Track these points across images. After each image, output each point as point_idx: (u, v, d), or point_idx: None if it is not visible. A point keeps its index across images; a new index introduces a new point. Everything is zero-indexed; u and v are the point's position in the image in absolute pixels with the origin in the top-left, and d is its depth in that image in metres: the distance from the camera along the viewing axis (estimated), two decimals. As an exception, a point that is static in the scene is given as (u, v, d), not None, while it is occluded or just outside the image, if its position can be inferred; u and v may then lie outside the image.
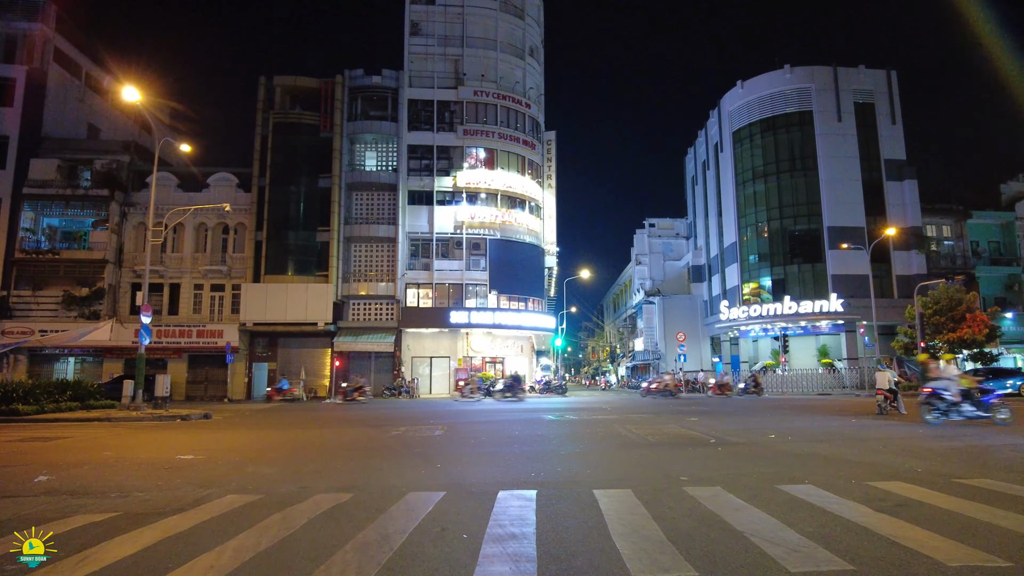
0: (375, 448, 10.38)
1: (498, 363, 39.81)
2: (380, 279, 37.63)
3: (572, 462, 8.37)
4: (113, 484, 6.89)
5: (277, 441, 11.95)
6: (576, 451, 9.57)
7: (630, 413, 18.59)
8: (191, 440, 12.12)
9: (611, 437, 11.53)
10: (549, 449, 9.85)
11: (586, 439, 11.25)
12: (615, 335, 75.89)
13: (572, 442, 10.80)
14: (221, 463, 8.63)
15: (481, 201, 39.03)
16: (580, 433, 12.36)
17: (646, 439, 11.05)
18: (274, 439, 12.35)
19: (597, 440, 11.06)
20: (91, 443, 11.34)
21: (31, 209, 35.87)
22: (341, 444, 11.18)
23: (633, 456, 8.92)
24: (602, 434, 12.08)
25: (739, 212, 47.26)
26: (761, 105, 46.01)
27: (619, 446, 10.17)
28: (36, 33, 37.58)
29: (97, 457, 9.25)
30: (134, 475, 7.56)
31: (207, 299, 36.56)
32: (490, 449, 9.90)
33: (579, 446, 10.23)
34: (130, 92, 18.19)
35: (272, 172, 36.83)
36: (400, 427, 14.10)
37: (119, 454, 9.61)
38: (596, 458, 8.83)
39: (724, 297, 48.12)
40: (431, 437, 11.85)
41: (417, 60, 39.90)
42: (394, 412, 20.88)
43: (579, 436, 11.81)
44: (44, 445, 11.01)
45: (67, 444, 11.16)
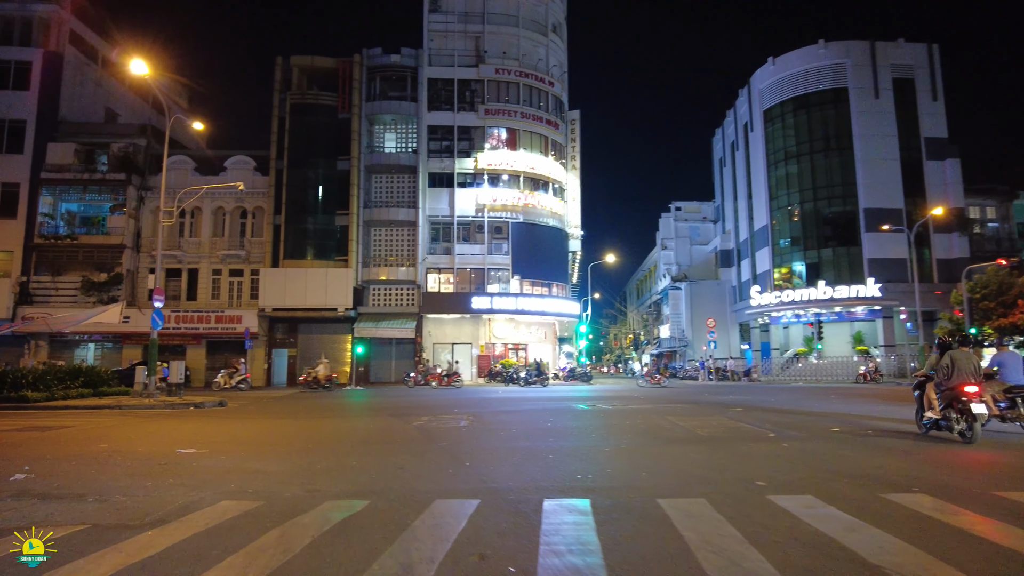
0: (396, 441, 9.41)
1: (521, 350, 38.81)
2: (400, 264, 36.75)
3: (621, 461, 7.31)
4: (96, 485, 5.98)
5: (289, 432, 11.05)
6: (622, 447, 8.50)
7: (665, 403, 17.46)
8: (198, 431, 11.27)
9: (656, 430, 10.44)
10: (590, 444, 8.79)
11: (629, 432, 10.17)
12: (639, 322, 74.46)
13: (614, 436, 9.73)
14: (224, 459, 7.71)
15: (503, 183, 37.86)
16: (620, 425, 11.27)
17: (695, 433, 9.94)
18: (286, 430, 11.45)
19: (641, 434, 9.97)
20: (91, 433, 10.53)
21: (49, 194, 35.48)
22: (359, 436, 10.24)
23: (690, 454, 7.81)
24: (644, 427, 10.99)
25: (770, 194, 45.52)
26: (793, 82, 44.12)
27: (668, 441, 9.08)
28: (52, 15, 37.05)
29: (91, 450, 8.39)
30: (123, 473, 6.65)
31: (225, 284, 35.99)
32: (523, 443, 8.87)
33: (623, 441, 9.16)
34: (138, 65, 17.32)
35: (290, 154, 36.01)
36: (422, 416, 13.15)
37: (116, 446, 8.74)
38: (647, 456, 7.75)
39: (755, 282, 46.53)
40: (456, 428, 10.86)
41: (437, 38, 38.70)
42: (416, 400, 19.98)
43: (620, 429, 10.73)
44: (40, 436, 10.21)
45: (65, 435, 10.35)
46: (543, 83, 39.44)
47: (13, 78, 35.91)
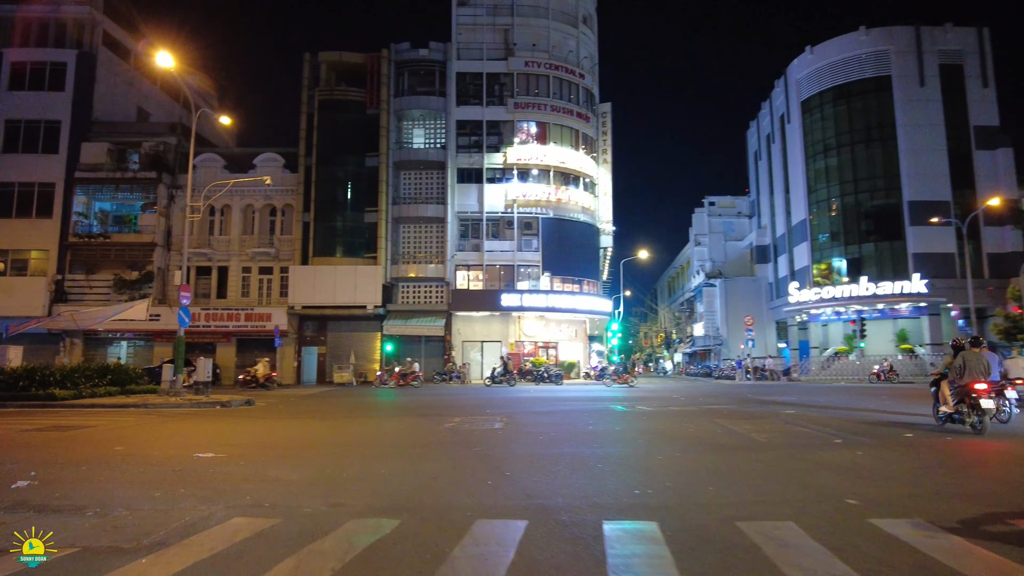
0: (428, 444, 8.76)
1: (551, 348, 38.03)
2: (429, 260, 36.25)
3: (681, 473, 6.54)
4: (100, 495, 5.43)
5: (316, 434, 10.49)
6: (676, 455, 7.72)
7: (708, 404, 16.56)
8: (221, 432, 10.78)
9: (708, 435, 9.62)
10: (640, 451, 8.03)
11: (680, 438, 9.36)
12: (670, 320, 73.07)
13: (665, 442, 8.95)
14: (242, 464, 7.13)
15: (533, 178, 37.11)
16: (667, 430, 10.47)
17: (752, 438, 9.10)
18: (313, 432, 10.90)
19: (694, 440, 9.17)
20: (110, 434, 10.09)
21: (83, 193, 35.76)
22: (388, 439, 9.62)
23: (755, 465, 7.00)
24: (694, 432, 10.17)
25: (809, 187, 43.97)
26: (833, 71, 42.51)
27: (726, 448, 8.27)
28: (85, 16, 37.33)
29: (105, 453, 7.89)
30: (133, 480, 6.10)
31: (255, 282, 35.90)
32: (567, 450, 8.14)
33: (676, 448, 8.37)
34: (164, 57, 17.00)
35: (318, 151, 35.76)
36: (454, 417, 12.50)
37: (132, 449, 8.25)
38: (708, 466, 6.95)
39: (792, 278, 45.00)
40: (491, 431, 10.18)
41: (465, 31, 38.09)
42: (446, 399, 19.37)
43: (668, 434, 9.93)
44: (59, 436, 9.81)
45: (84, 435, 9.93)
46: (573, 75, 38.57)
47: (49, 79, 36.30)
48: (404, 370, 30.88)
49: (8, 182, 35.10)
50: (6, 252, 34.75)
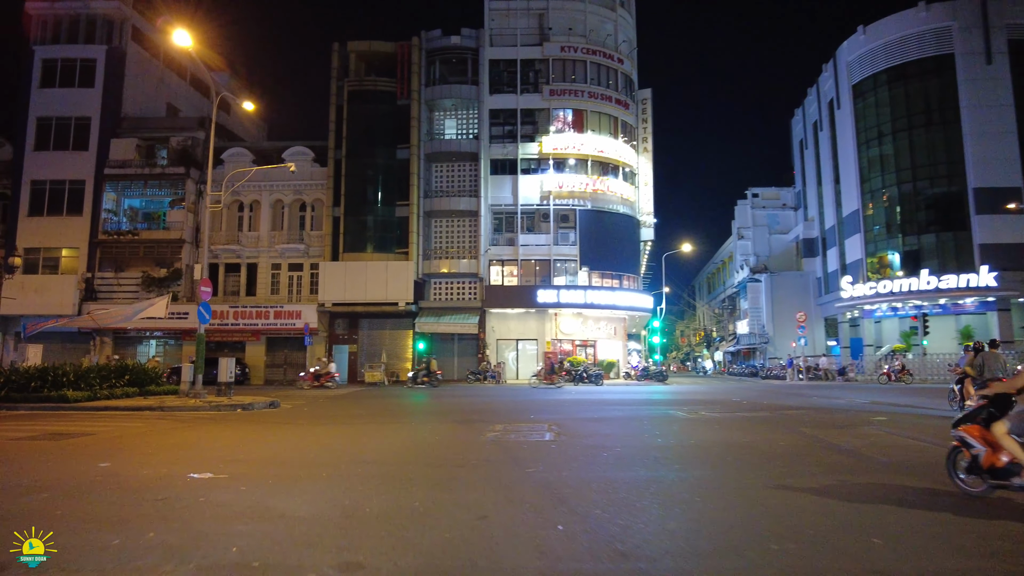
0: (469, 462, 7.28)
1: (589, 347, 36.37)
2: (462, 256, 34.91)
3: (814, 512, 4.93)
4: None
5: (338, 446, 9.12)
6: (788, 481, 6.09)
7: (778, 409, 14.80)
8: (231, 442, 9.50)
9: (809, 451, 7.97)
10: (738, 475, 6.44)
11: (776, 454, 7.74)
12: (710, 317, 70.61)
13: (761, 461, 7.33)
14: (243, 490, 5.74)
15: (569, 168, 35.48)
16: (753, 443, 8.83)
17: (867, 455, 7.42)
18: (335, 443, 9.53)
19: (795, 457, 7.53)
20: (105, 445, 8.87)
21: (112, 190, 35.34)
22: (421, 453, 8.18)
23: (913, 497, 5.36)
24: (788, 445, 8.51)
25: (862, 176, 41.35)
26: (888, 52, 39.85)
27: (842, 470, 6.62)
28: (114, 12, 36.92)
29: (82, 474, 6.59)
30: (94, 518, 4.75)
31: (285, 279, 35.03)
32: (642, 473, 6.59)
33: (778, 468, 6.76)
34: (181, 36, 15.88)
35: (348, 144, 34.70)
36: (495, 424, 11.02)
37: (117, 468, 6.94)
38: (850, 504, 5.32)
39: (844, 272, 42.48)
40: (542, 444, 8.67)
41: (498, 17, 36.62)
42: (482, 401, 17.94)
43: (757, 448, 8.30)
44: (45, 447, 8.62)
45: (74, 446, 8.72)
46: (612, 60, 36.80)
47: (79, 76, 35.96)
48: (420, 368, 29.44)
49: (40, 180, 34.88)
50: (38, 250, 34.47)
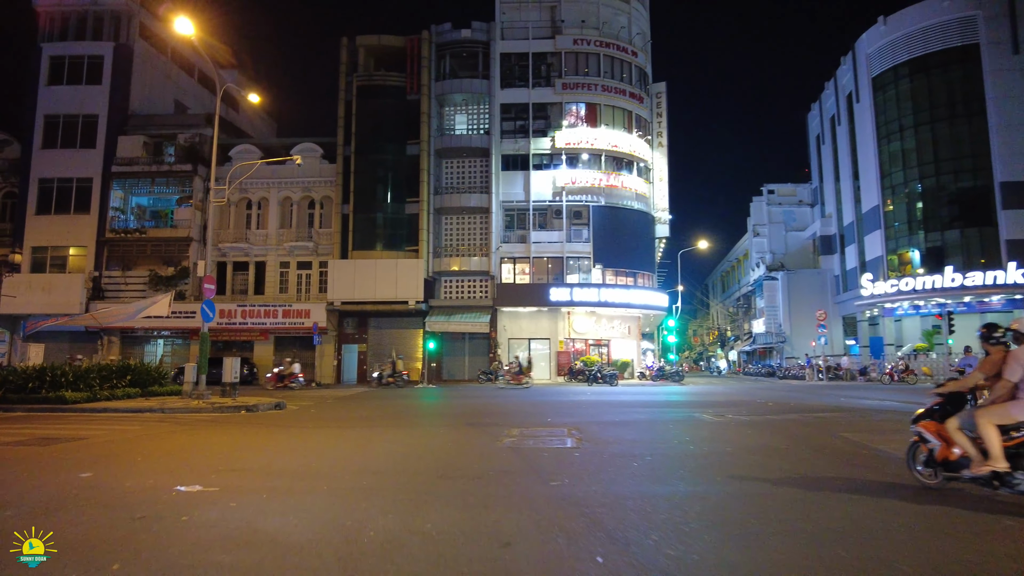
0: (485, 473, 6.59)
1: (602, 346, 35.59)
2: (473, 253, 34.24)
3: (902, 533, 4.21)
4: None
5: (344, 451, 8.47)
6: (861, 498, 5.36)
7: (806, 410, 14.02)
8: (230, 447, 8.87)
9: (865, 458, 7.21)
10: (789, 490, 5.70)
11: (827, 463, 6.98)
12: (724, 316, 69.56)
13: (812, 469, 6.58)
14: (233, 507, 5.09)
15: (582, 163, 34.73)
16: (792, 450, 8.08)
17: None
18: (340, 449, 8.88)
19: (851, 465, 6.78)
20: (95, 451, 8.26)
21: (119, 188, 34.99)
22: (432, 462, 7.50)
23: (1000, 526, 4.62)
24: (837, 452, 7.76)
25: (882, 171, 40.29)
26: (909, 43, 38.79)
27: (915, 490, 5.87)
28: (121, 8, 36.55)
29: (59, 487, 5.95)
30: (56, 542, 4.09)
31: (293, 277, 34.51)
32: (681, 487, 5.88)
33: (833, 475, 6.02)
34: (183, 24, 15.31)
35: (357, 140, 34.13)
36: (511, 429, 10.33)
37: (100, 479, 6.31)
38: (936, 526, 4.60)
39: (864, 270, 41.46)
40: (564, 452, 7.97)
41: (509, 10, 35.92)
42: (495, 402, 17.26)
43: (800, 456, 7.56)
44: (33, 453, 8.03)
45: (61, 453, 8.11)
46: (625, 53, 35.99)
47: (86, 73, 35.63)
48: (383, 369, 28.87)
49: (47, 178, 34.59)
50: (45, 249, 34.20)
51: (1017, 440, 5.01)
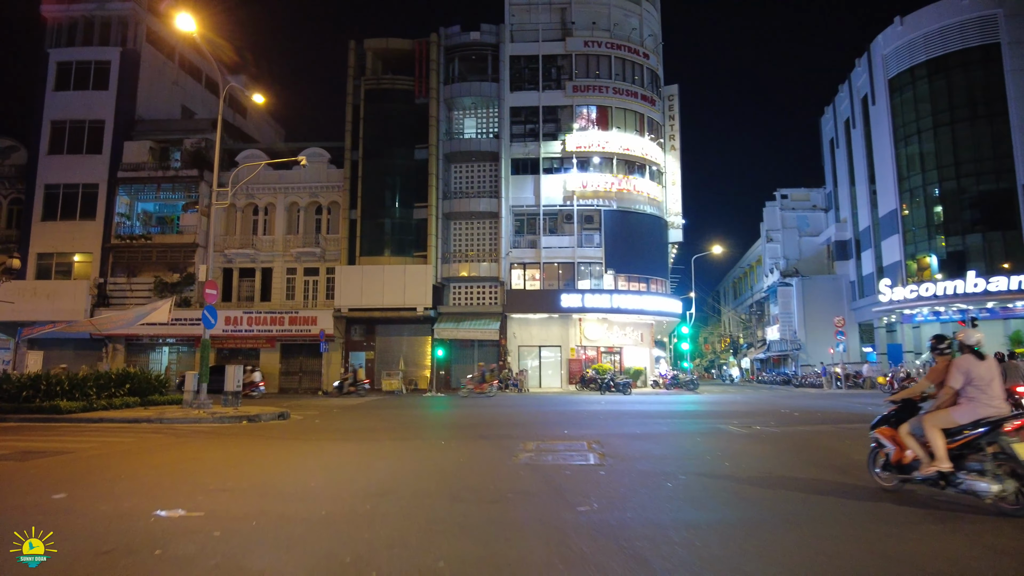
0: (502, 496, 5.90)
1: (614, 353, 34.81)
2: (482, 259, 33.62)
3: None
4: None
5: (346, 469, 7.81)
6: (943, 526, 4.65)
7: (834, 421, 13.25)
8: (224, 463, 8.23)
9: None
10: (850, 513, 4.99)
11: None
12: (736, 323, 68.57)
13: (866, 488, 5.86)
14: (216, 537, 4.44)
15: (594, 167, 34.08)
16: (838, 466, 7.34)
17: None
18: (342, 466, 8.22)
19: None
20: (78, 467, 7.64)
21: (125, 193, 34.66)
22: (443, 479, 6.82)
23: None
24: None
25: (899, 174, 39.38)
26: (927, 43, 37.97)
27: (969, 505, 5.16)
28: (128, 13, 36.31)
29: (27, 509, 5.32)
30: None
31: (300, 284, 33.99)
32: (729, 514, 5.18)
33: (898, 494, 5.30)
34: (184, 20, 14.80)
35: (365, 144, 33.65)
36: (526, 442, 9.64)
37: (73, 501, 5.67)
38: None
39: (882, 275, 40.50)
40: (587, 470, 7.27)
41: (519, 12, 35.42)
42: (506, 412, 16.57)
43: (854, 472, 6.82)
44: (6, 469, 7.41)
45: (41, 468, 7.49)
46: (637, 55, 35.38)
47: (93, 78, 35.38)
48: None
49: (53, 184, 34.29)
50: (51, 255, 33.87)
51: (959, 442, 5.33)
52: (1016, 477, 5.01)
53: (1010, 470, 5.03)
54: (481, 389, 27.35)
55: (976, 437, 5.24)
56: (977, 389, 5.33)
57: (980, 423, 5.27)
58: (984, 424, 5.24)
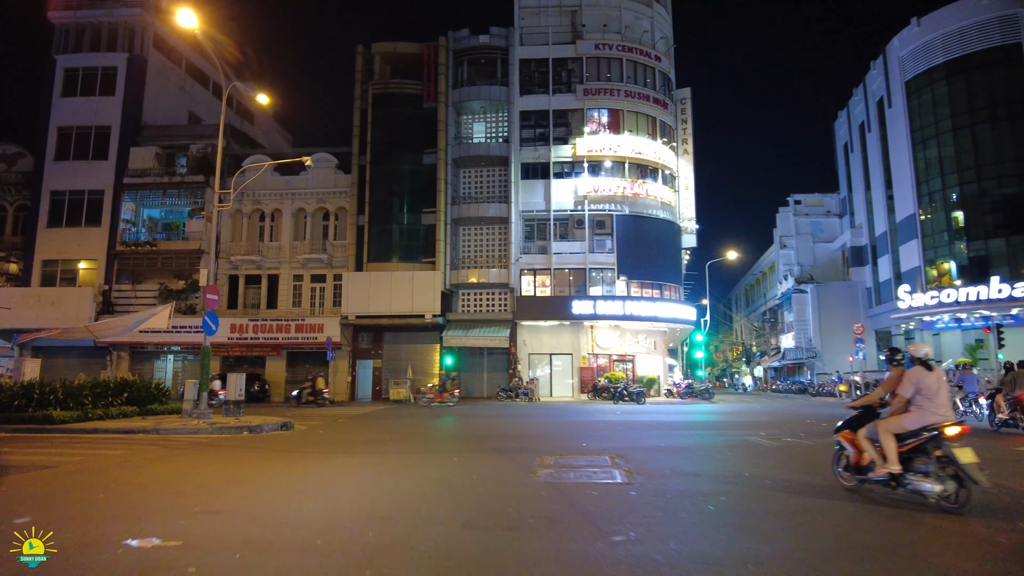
0: (522, 522, 5.19)
1: (627, 362, 34.00)
2: (491, 265, 32.94)
3: None
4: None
5: (346, 488, 7.13)
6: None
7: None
8: (215, 479, 7.55)
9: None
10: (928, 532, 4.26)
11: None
12: (748, 332, 67.53)
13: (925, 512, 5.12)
14: (191, 573, 3.74)
15: (605, 171, 33.41)
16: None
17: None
18: (343, 482, 7.54)
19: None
20: (55, 484, 6.99)
21: (131, 200, 34.30)
22: (455, 501, 6.13)
23: None
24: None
25: (918, 178, 38.51)
26: (946, 44, 37.16)
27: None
28: (135, 19, 36.09)
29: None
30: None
31: (307, 291, 33.43)
32: (786, 547, 4.45)
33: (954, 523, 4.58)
34: (185, 16, 14.28)
35: (373, 149, 33.15)
36: (544, 456, 8.92)
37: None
38: None
39: (900, 281, 39.56)
40: (615, 490, 6.55)
41: (528, 15, 34.91)
42: (520, 423, 15.84)
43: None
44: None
45: (15, 485, 6.87)
46: (648, 58, 34.76)
47: (100, 84, 35.14)
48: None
49: (59, 190, 34.01)
50: (56, 263, 33.53)
51: (909, 447, 5.72)
52: (957, 479, 5.36)
53: (952, 472, 5.39)
54: (441, 399, 26.63)
55: (923, 442, 5.63)
56: (925, 398, 5.69)
57: (927, 429, 5.63)
58: (930, 430, 5.60)
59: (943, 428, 5.52)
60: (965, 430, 5.54)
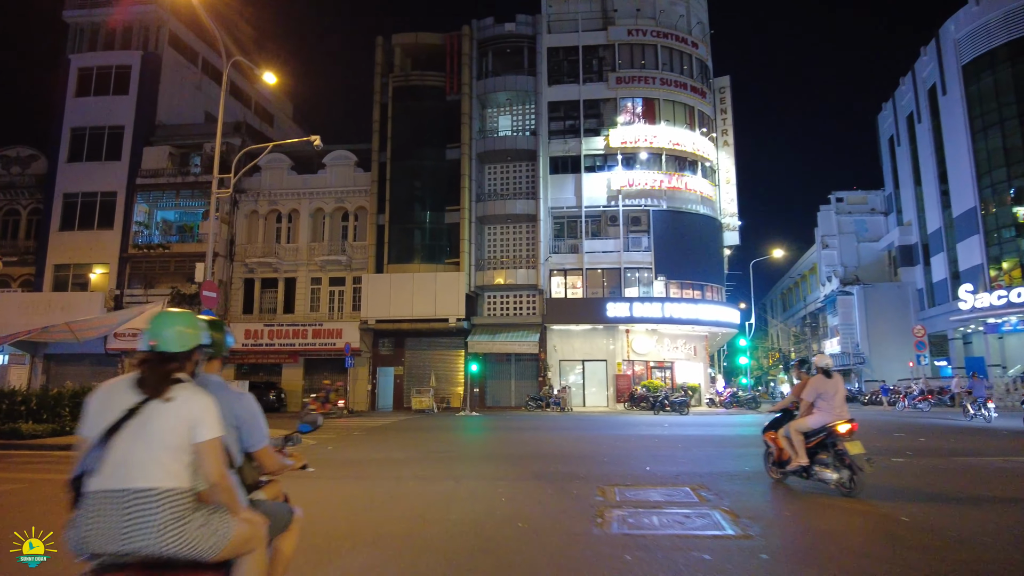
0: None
1: (665, 368, 31.69)
2: (519, 265, 30.93)
3: None
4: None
5: (348, 525, 5.14)
6: None
7: (990, 452, 10.14)
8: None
9: None
10: None
11: None
12: (786, 337, 64.45)
13: None
14: None
15: (640, 164, 31.25)
16: None
17: None
18: (347, 517, 5.58)
19: None
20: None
21: (144, 201, 33.06)
22: (491, 566, 4.05)
23: None
24: None
25: (978, 169, 35.64)
26: (1008, 23, 34.32)
27: None
28: (150, 16, 34.99)
29: None
30: None
31: (325, 294, 31.76)
32: None
33: None
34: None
35: (393, 145, 31.46)
36: (605, 488, 6.82)
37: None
38: None
39: (959, 281, 36.61)
40: (734, 551, 4.45)
41: (556, 2, 33.03)
42: (558, 437, 13.75)
43: None
44: None
45: None
46: (685, 44, 32.59)
47: (114, 83, 34.06)
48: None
49: (72, 193, 32.89)
50: (68, 267, 32.36)
51: (813, 443, 6.62)
52: (849, 468, 6.20)
53: (847, 463, 6.21)
54: (325, 410, 24.58)
55: (824, 438, 6.48)
56: (825, 401, 6.55)
57: (825, 428, 6.46)
58: (828, 428, 6.43)
59: (836, 426, 6.35)
60: (854, 427, 6.34)
